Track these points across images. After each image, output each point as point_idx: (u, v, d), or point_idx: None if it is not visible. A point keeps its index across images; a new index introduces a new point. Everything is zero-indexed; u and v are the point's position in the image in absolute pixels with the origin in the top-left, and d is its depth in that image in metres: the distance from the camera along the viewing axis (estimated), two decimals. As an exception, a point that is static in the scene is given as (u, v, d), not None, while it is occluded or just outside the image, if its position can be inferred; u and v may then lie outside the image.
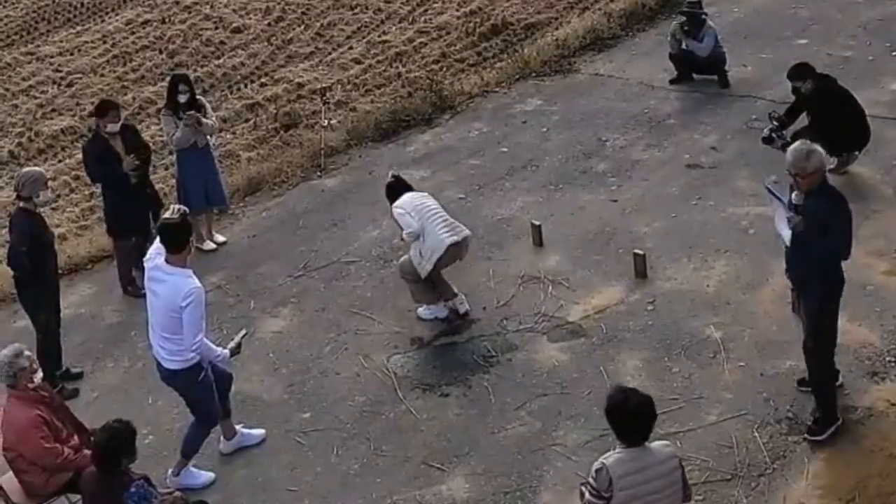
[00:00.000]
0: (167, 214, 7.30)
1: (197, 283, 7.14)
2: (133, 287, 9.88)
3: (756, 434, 7.52)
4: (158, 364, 7.44)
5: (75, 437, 6.78)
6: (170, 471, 7.68)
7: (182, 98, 10.11)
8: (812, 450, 7.34)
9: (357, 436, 7.98)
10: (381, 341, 8.94)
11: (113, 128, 9.61)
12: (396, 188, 9.15)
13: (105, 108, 9.77)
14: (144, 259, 7.41)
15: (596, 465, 5.51)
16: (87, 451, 6.58)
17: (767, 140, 10.32)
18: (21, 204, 8.58)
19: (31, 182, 8.54)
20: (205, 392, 7.48)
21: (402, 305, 9.32)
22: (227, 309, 9.62)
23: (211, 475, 7.74)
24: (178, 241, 7.11)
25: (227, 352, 7.48)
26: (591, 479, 5.51)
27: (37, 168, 9.25)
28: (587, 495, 5.52)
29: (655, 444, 5.59)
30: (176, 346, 7.20)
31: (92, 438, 6.46)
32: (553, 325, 8.90)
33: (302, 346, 9.02)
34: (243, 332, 7.84)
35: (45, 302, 8.65)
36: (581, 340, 8.70)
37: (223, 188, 10.71)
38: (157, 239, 7.25)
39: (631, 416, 5.51)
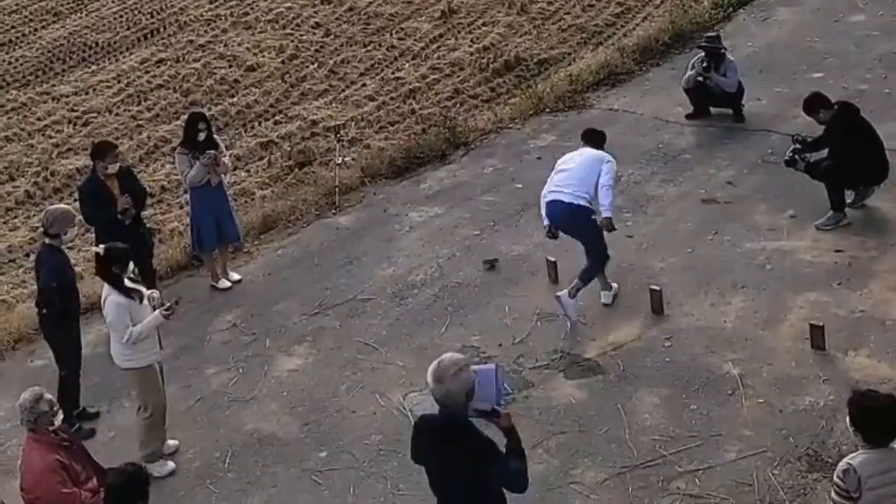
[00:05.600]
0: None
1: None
2: None
3: (776, 472, 7.44)
4: (553, 208, 9.20)
5: (94, 480, 6.73)
6: (565, 291, 9.17)
7: (201, 136, 10.15)
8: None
9: (374, 475, 7.92)
10: (397, 379, 8.90)
11: (112, 169, 9.63)
12: None
13: (105, 150, 9.76)
14: None
15: (842, 465, 5.59)
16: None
17: (790, 162, 10.26)
18: (48, 241, 8.65)
19: (60, 220, 8.62)
20: (597, 231, 9.23)
21: (418, 343, 9.29)
22: (242, 347, 9.60)
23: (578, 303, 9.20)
24: (598, 137, 9.73)
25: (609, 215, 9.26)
26: (837, 481, 5.57)
27: (65, 206, 9.26)
28: (834, 496, 5.58)
29: None
30: (582, 191, 9.12)
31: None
32: (570, 362, 8.85)
33: (318, 384, 8.99)
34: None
35: (72, 340, 8.68)
36: (598, 377, 8.64)
37: (237, 226, 10.72)
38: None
39: (879, 418, 5.56)
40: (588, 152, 9.41)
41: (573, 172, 9.25)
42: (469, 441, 5.64)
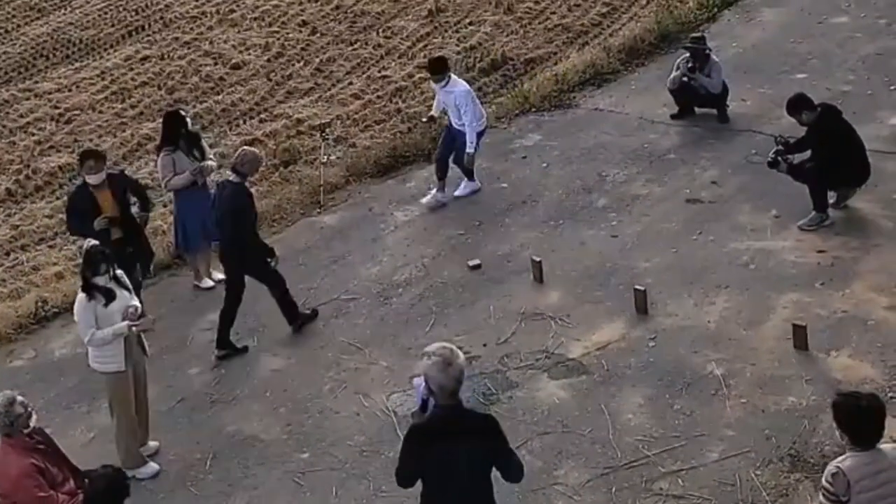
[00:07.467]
0: None
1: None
2: None
3: (758, 472, 7.45)
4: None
5: (70, 482, 6.67)
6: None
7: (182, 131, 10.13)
8: (815, 487, 7.25)
9: (356, 476, 7.90)
10: (380, 379, 8.88)
11: (93, 180, 9.41)
12: None
13: (82, 159, 9.57)
14: None
15: (830, 469, 5.54)
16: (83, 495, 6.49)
17: (773, 164, 10.28)
18: (233, 178, 9.07)
19: (251, 162, 9.19)
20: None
21: (402, 343, 9.27)
22: (225, 347, 9.56)
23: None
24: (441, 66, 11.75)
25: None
26: (826, 484, 5.53)
27: (257, 151, 9.72)
28: (822, 499, 5.54)
29: (887, 447, 5.62)
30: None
31: (86, 481, 6.36)
32: (554, 362, 8.85)
33: (301, 384, 8.96)
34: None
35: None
36: (582, 378, 8.64)
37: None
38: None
39: (864, 418, 5.54)
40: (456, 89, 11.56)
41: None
42: (481, 426, 5.66)
